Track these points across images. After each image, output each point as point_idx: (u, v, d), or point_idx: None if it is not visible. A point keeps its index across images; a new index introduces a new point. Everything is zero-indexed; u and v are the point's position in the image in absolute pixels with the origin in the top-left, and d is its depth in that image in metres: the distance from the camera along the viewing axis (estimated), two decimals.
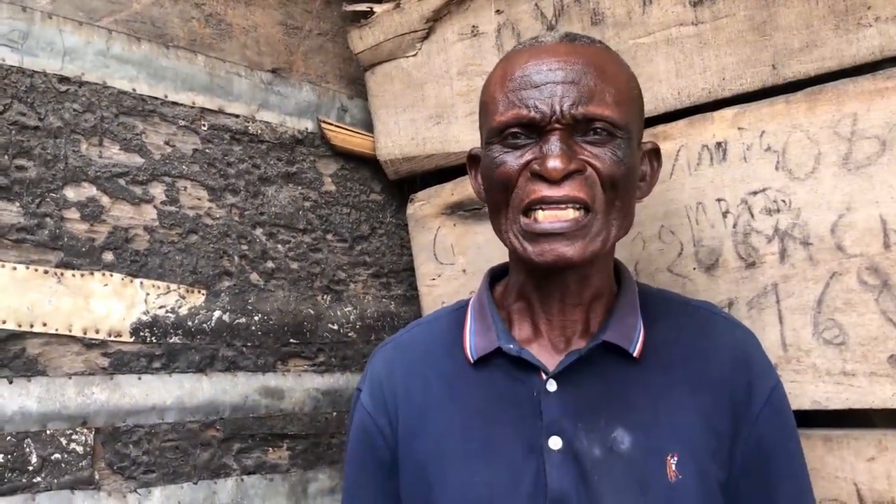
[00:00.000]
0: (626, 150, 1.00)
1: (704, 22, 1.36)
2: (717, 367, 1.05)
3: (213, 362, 1.48)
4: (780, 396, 1.07)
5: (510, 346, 1.05)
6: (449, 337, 1.14)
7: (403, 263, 1.83)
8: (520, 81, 1.01)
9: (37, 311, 1.28)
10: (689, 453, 1.00)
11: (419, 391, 1.11)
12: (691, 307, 1.13)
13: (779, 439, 1.05)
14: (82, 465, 1.29)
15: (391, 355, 1.17)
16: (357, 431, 1.16)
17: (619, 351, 1.04)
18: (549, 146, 0.97)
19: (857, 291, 1.23)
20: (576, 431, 1.00)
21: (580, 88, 0.98)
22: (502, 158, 1.01)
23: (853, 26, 1.24)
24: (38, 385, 1.27)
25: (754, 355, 1.08)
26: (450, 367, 1.10)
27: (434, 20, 1.65)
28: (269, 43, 1.69)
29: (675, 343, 1.07)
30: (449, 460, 1.05)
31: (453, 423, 1.06)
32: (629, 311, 1.07)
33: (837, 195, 1.24)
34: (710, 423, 1.02)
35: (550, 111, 0.98)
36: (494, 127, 1.02)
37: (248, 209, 1.58)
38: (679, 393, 1.04)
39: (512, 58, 1.06)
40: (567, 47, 1.03)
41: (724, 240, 1.34)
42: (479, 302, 1.14)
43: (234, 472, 1.48)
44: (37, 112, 1.32)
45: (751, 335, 1.12)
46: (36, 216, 1.30)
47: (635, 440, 1.00)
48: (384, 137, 1.74)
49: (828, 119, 1.25)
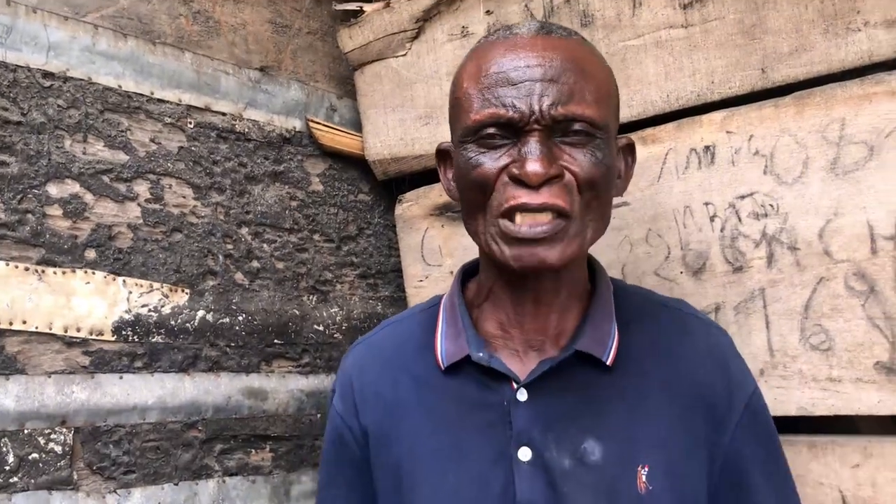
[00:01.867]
0: (605, 151, 0.97)
1: (694, 25, 1.36)
2: (692, 371, 1.04)
3: (195, 362, 1.46)
4: (759, 400, 1.06)
5: (480, 355, 1.03)
6: (421, 338, 1.12)
7: (391, 264, 1.82)
8: (495, 78, 0.96)
9: (16, 308, 1.26)
10: (662, 464, 0.98)
11: (390, 393, 1.09)
12: (666, 309, 1.10)
13: (760, 444, 1.04)
14: (61, 464, 1.28)
15: (362, 356, 1.16)
16: (330, 432, 1.15)
17: (593, 359, 1.01)
18: (529, 148, 0.93)
19: (844, 297, 1.22)
20: (546, 442, 0.98)
21: (560, 87, 0.94)
22: (478, 160, 0.97)
23: (842, 31, 1.23)
24: (17, 384, 1.25)
25: (732, 359, 1.07)
26: (421, 371, 1.08)
27: (424, 20, 1.64)
28: (258, 41, 1.68)
29: (649, 348, 1.05)
30: (419, 466, 1.03)
31: (423, 429, 1.05)
32: (604, 317, 1.05)
33: (825, 200, 1.24)
34: (686, 431, 1.01)
35: (529, 111, 0.93)
36: (469, 126, 0.98)
37: (234, 208, 1.57)
38: (654, 401, 1.02)
39: (485, 51, 1.01)
40: (544, 41, 0.98)
41: (712, 244, 1.33)
42: (451, 302, 1.11)
43: (215, 474, 1.46)
44: (20, 107, 1.31)
45: (726, 337, 1.10)
46: (17, 212, 1.28)
47: (606, 451, 0.98)
48: (373, 137, 1.73)
49: (816, 123, 1.25)
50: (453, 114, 1.05)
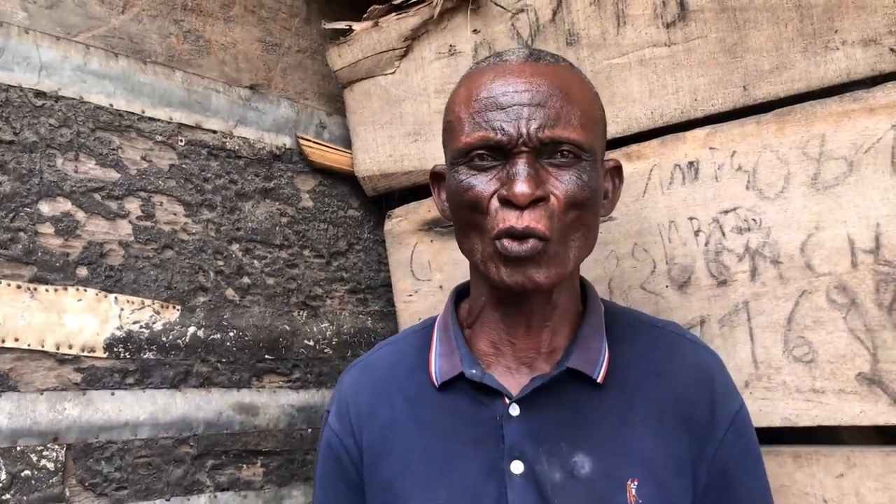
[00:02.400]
0: (591, 173, 1.00)
1: (677, 43, 1.39)
2: (680, 389, 1.06)
3: (187, 378, 1.47)
4: (744, 419, 1.08)
5: (473, 372, 1.05)
6: (415, 358, 1.14)
7: (380, 279, 1.84)
8: (485, 102, 1.00)
9: (8, 325, 1.27)
10: (651, 478, 1.00)
11: (385, 412, 1.11)
12: (657, 329, 1.14)
13: (743, 462, 1.06)
14: (53, 481, 1.28)
15: (358, 376, 1.18)
16: (325, 450, 1.16)
17: (583, 376, 1.04)
18: (516, 170, 0.97)
19: (826, 310, 1.24)
20: (537, 455, 1.00)
21: (546, 111, 0.98)
22: (469, 182, 1.00)
23: (821, 49, 1.26)
24: (9, 401, 1.25)
25: (718, 378, 1.09)
26: (415, 389, 1.10)
27: (412, 39, 1.67)
28: (248, 59, 1.70)
29: (639, 366, 1.08)
30: (412, 483, 1.05)
31: (417, 446, 1.06)
32: (594, 335, 1.07)
33: (806, 215, 1.26)
34: (673, 446, 1.03)
35: (517, 134, 0.97)
36: (460, 148, 1.01)
37: (225, 224, 1.58)
38: (642, 417, 1.04)
39: (476, 77, 1.05)
40: (532, 67, 1.02)
41: (697, 258, 1.35)
42: (444, 322, 1.14)
43: (207, 489, 1.47)
44: (12, 126, 1.32)
45: (715, 357, 1.12)
46: (9, 230, 1.29)
47: (595, 465, 1.00)
48: (362, 154, 1.75)
49: (797, 140, 1.28)
50: (446, 137, 1.09)
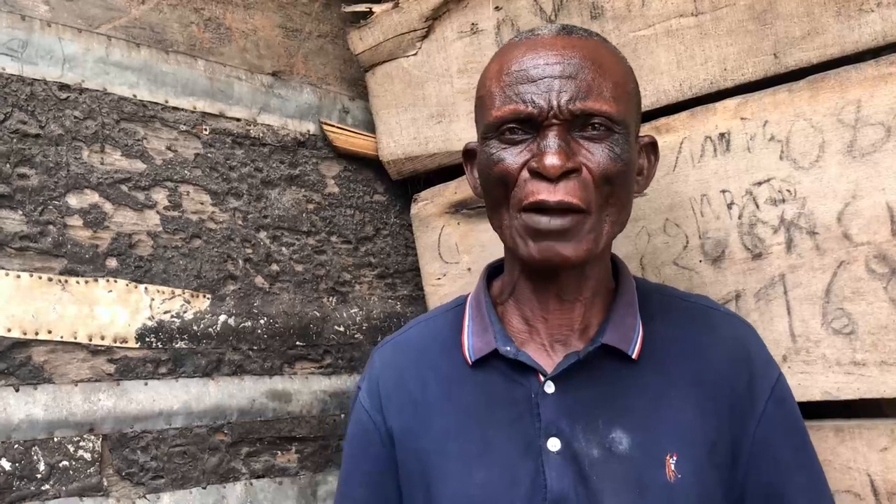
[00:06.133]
0: (623, 146, 0.99)
1: (704, 12, 1.35)
2: (716, 364, 1.04)
3: (219, 366, 1.48)
4: (783, 389, 1.06)
5: (507, 349, 1.05)
6: (447, 336, 1.13)
7: (408, 263, 1.83)
8: (516, 76, 0.99)
9: (41, 318, 1.28)
10: (689, 453, 0.99)
11: (418, 391, 1.10)
12: (689, 303, 1.12)
13: (785, 433, 1.04)
14: (90, 471, 1.29)
15: (390, 355, 1.17)
16: (355, 427, 1.16)
17: (618, 352, 1.03)
18: (547, 142, 0.96)
19: (866, 280, 1.21)
20: (574, 433, 1.00)
21: (578, 83, 0.97)
22: (500, 155, 1.00)
23: (855, 12, 1.23)
24: (45, 393, 1.26)
25: (754, 350, 1.07)
26: (448, 367, 1.10)
27: (433, 19, 1.65)
28: (269, 46, 1.69)
29: (673, 341, 1.06)
30: (447, 461, 1.04)
31: (451, 424, 1.06)
32: (628, 311, 1.06)
33: (843, 183, 1.23)
34: (711, 421, 1.01)
35: (548, 106, 0.96)
36: (491, 122, 1.01)
37: (252, 212, 1.58)
38: (678, 392, 1.03)
39: (508, 51, 1.04)
40: (564, 40, 1.01)
41: (730, 231, 1.33)
42: (477, 300, 1.13)
43: (242, 477, 1.47)
44: (38, 120, 1.32)
45: (750, 329, 1.10)
46: (39, 224, 1.30)
47: (633, 441, 0.99)
48: (386, 138, 1.74)
49: (831, 107, 1.24)
50: (477, 112, 1.08)
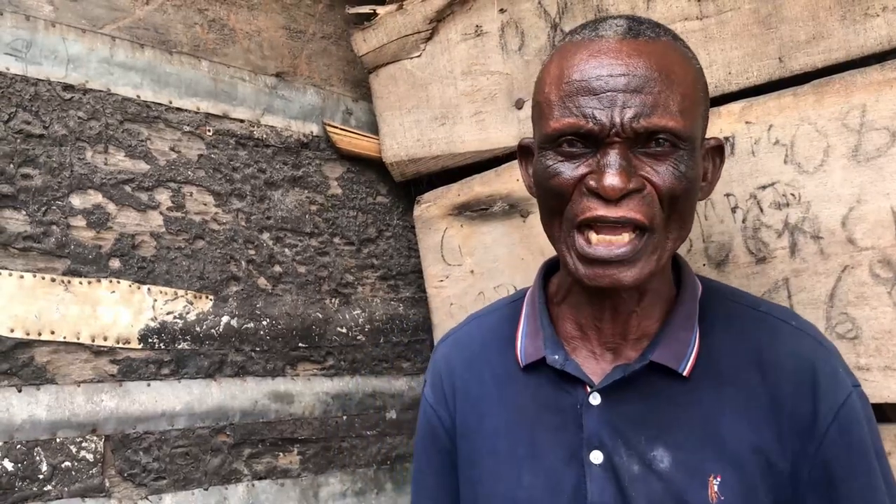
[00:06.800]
0: (688, 163, 0.93)
1: (709, 16, 1.35)
2: (776, 382, 0.98)
3: (222, 367, 1.48)
4: (850, 413, 0.97)
5: (555, 357, 1.02)
6: (503, 333, 1.12)
7: (411, 265, 1.83)
8: (577, 86, 0.93)
9: (44, 319, 1.27)
10: (735, 475, 0.95)
11: (475, 387, 1.11)
12: (759, 313, 1.04)
13: (848, 458, 0.97)
14: (92, 472, 1.29)
15: (450, 350, 1.18)
16: (422, 421, 1.19)
17: (668, 369, 0.99)
18: (608, 161, 0.90)
19: (870, 285, 1.21)
20: (616, 447, 0.98)
21: (643, 98, 0.90)
22: (556, 168, 0.95)
23: (860, 17, 1.23)
24: (47, 393, 1.26)
25: (822, 368, 0.98)
26: (502, 367, 1.10)
27: (437, 21, 1.65)
28: (273, 47, 1.69)
29: (732, 355, 1.01)
30: (496, 460, 1.05)
31: (503, 426, 1.06)
32: (684, 324, 1.01)
33: (847, 188, 1.23)
34: (763, 442, 0.96)
35: (610, 123, 0.90)
36: (549, 134, 0.95)
37: (255, 214, 1.58)
38: (730, 411, 0.98)
39: (569, 54, 0.97)
40: (630, 45, 0.93)
41: (734, 235, 1.32)
42: (532, 298, 1.11)
43: (244, 478, 1.47)
44: (41, 120, 1.32)
45: (821, 346, 1.01)
46: (42, 224, 1.30)
47: (675, 459, 0.96)
48: (389, 139, 1.73)
49: (836, 111, 1.24)
50: (535, 115, 1.03)
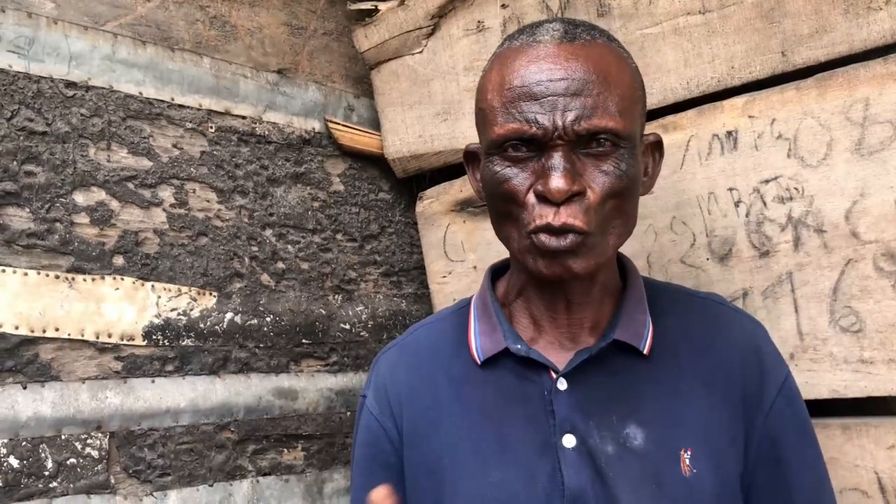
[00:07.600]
0: (629, 161, 0.97)
1: (712, 10, 1.35)
2: (727, 360, 1.04)
3: (225, 364, 1.48)
4: (792, 386, 1.06)
5: (518, 347, 1.04)
6: (454, 338, 1.12)
7: (414, 262, 1.83)
8: (518, 92, 0.96)
9: (49, 316, 1.27)
10: (703, 448, 0.99)
11: (427, 393, 1.09)
12: (698, 299, 1.12)
13: (793, 430, 1.04)
14: (98, 469, 1.29)
15: (395, 358, 1.16)
16: (364, 435, 1.15)
17: (629, 348, 1.03)
18: (552, 164, 0.94)
19: (874, 278, 1.21)
20: (588, 429, 0.99)
21: (583, 101, 0.94)
22: (504, 174, 0.98)
23: (863, 10, 1.23)
24: (52, 390, 1.26)
25: (765, 347, 1.07)
26: (457, 369, 1.09)
27: (439, 16, 1.65)
28: (274, 44, 1.69)
29: (683, 338, 1.06)
30: (460, 461, 1.04)
31: (463, 425, 1.05)
32: (637, 307, 1.06)
33: (851, 181, 1.23)
34: (724, 417, 1.01)
35: (552, 127, 0.94)
36: (494, 139, 0.98)
37: (258, 210, 1.58)
38: (690, 388, 1.03)
39: (509, 60, 1.00)
40: (567, 49, 0.97)
41: (737, 229, 1.33)
42: (482, 300, 1.12)
43: (249, 474, 1.47)
44: (44, 117, 1.32)
45: (759, 326, 1.10)
46: (46, 221, 1.30)
47: (648, 436, 0.99)
48: (391, 136, 1.73)
49: (839, 105, 1.24)
50: (479, 121, 1.06)
